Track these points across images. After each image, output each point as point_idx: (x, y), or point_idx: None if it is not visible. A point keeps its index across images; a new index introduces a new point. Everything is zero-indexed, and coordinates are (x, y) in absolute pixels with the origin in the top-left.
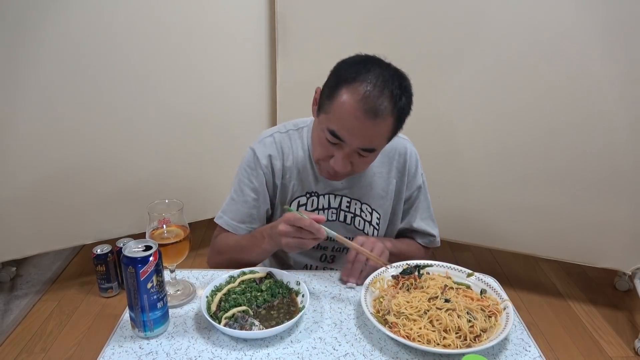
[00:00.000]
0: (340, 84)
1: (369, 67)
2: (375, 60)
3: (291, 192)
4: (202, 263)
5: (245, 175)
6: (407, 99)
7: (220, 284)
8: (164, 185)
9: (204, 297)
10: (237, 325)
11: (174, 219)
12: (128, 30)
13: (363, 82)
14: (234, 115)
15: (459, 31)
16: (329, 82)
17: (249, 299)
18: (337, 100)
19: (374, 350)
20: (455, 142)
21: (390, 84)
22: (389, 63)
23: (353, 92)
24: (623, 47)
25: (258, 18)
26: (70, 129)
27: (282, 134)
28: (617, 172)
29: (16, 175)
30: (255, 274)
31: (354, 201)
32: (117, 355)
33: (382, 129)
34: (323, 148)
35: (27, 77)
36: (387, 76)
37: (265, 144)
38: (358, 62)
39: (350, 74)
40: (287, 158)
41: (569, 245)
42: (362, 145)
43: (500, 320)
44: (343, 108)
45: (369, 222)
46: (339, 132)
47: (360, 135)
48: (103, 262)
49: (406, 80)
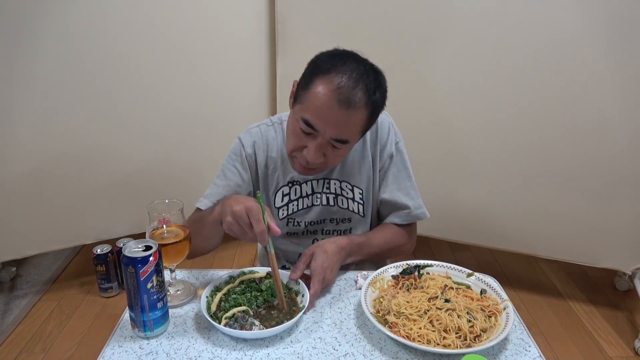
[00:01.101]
0: (316, 75)
1: (345, 60)
2: (352, 55)
3: (275, 182)
4: (202, 263)
5: (229, 161)
6: (381, 93)
7: (220, 284)
8: (164, 185)
9: (204, 297)
10: (238, 325)
11: (174, 219)
12: (128, 30)
13: (338, 74)
14: (235, 115)
15: (462, 32)
16: (305, 73)
17: (249, 299)
18: (312, 90)
19: (374, 350)
20: (455, 142)
21: (366, 77)
22: (366, 58)
23: (328, 82)
24: (626, 50)
25: (258, 18)
26: (70, 129)
27: (268, 126)
28: (617, 172)
29: (16, 176)
30: (255, 274)
31: (333, 181)
32: (117, 355)
33: (355, 121)
34: (296, 138)
35: (25, 77)
36: (362, 70)
37: (251, 134)
38: (335, 55)
39: (326, 65)
40: (271, 149)
41: (569, 245)
42: (335, 136)
43: (500, 320)
44: (317, 97)
45: (351, 199)
46: (312, 121)
47: (333, 125)
48: (103, 262)
49: (381, 76)
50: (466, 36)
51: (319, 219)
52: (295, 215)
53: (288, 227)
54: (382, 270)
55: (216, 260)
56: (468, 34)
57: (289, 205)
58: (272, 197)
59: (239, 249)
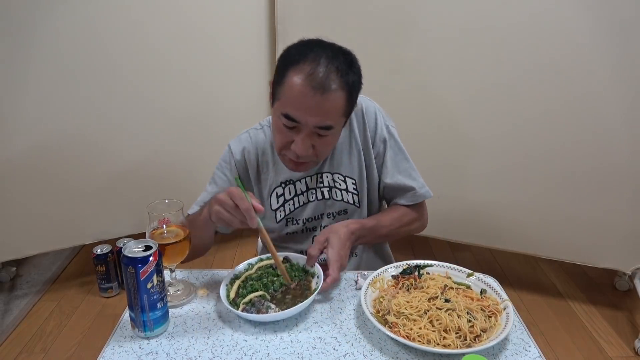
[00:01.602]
0: (287, 67)
1: (311, 47)
2: (318, 41)
3: (269, 185)
4: (202, 263)
5: (219, 169)
6: (354, 73)
7: (238, 272)
8: (164, 185)
9: (223, 285)
10: (254, 310)
11: (174, 219)
12: (128, 30)
13: (308, 61)
14: (235, 115)
15: (464, 32)
16: (277, 69)
17: (266, 284)
18: (286, 83)
19: (374, 350)
20: (455, 143)
21: (335, 60)
22: (333, 42)
23: (299, 71)
24: (626, 52)
25: (258, 18)
26: (70, 129)
27: (257, 130)
28: (617, 172)
29: (16, 176)
30: (271, 260)
31: (325, 174)
32: (117, 355)
33: (334, 104)
34: (282, 135)
35: (20, 79)
36: (330, 53)
37: (240, 140)
38: (302, 45)
39: (295, 57)
40: (261, 152)
41: (569, 245)
42: (317, 123)
43: (500, 320)
44: (292, 89)
45: (345, 190)
46: (292, 113)
47: (313, 112)
48: (103, 262)
49: (351, 56)
50: (468, 37)
51: (316, 214)
52: (293, 215)
53: (287, 227)
54: (382, 270)
55: (216, 260)
56: (470, 35)
57: (285, 205)
58: (267, 199)
59: (239, 249)
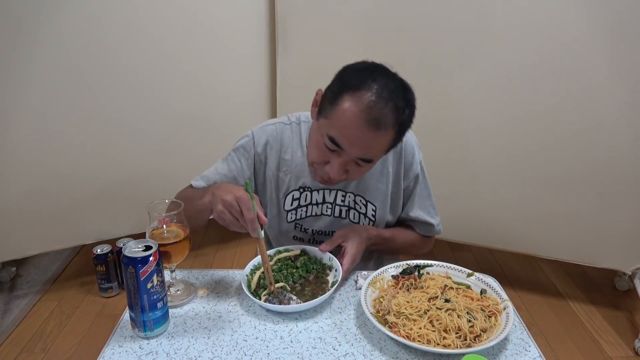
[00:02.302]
0: (344, 91)
1: (375, 76)
2: (382, 70)
3: (287, 185)
4: (202, 263)
5: (236, 153)
6: (410, 112)
7: (258, 263)
8: (164, 185)
9: (244, 275)
10: (277, 301)
11: (174, 219)
12: (127, 31)
13: (368, 92)
14: (234, 115)
15: (463, 31)
16: (332, 86)
17: (286, 276)
18: (339, 106)
19: (374, 350)
20: (455, 144)
21: (395, 96)
22: (395, 73)
23: (357, 100)
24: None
25: (258, 18)
26: (70, 129)
27: (285, 125)
28: (618, 172)
29: (16, 176)
30: (290, 252)
31: (348, 194)
32: (117, 355)
33: (383, 141)
34: (320, 152)
35: (22, 76)
36: (392, 87)
37: (265, 131)
38: (364, 70)
39: (355, 81)
40: (285, 150)
41: (569, 245)
42: (361, 155)
43: (500, 320)
44: (345, 116)
45: (363, 214)
46: (338, 139)
47: (360, 145)
48: (103, 262)
49: (411, 93)
50: (469, 35)
51: (328, 229)
52: (303, 222)
53: (295, 231)
54: (382, 270)
55: (216, 260)
56: (471, 33)
57: (297, 210)
58: (282, 199)
59: (239, 249)
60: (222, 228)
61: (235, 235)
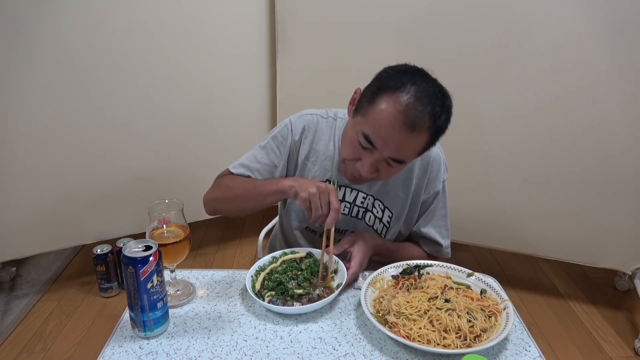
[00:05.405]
0: (383, 90)
1: (415, 79)
2: (423, 74)
3: (312, 175)
4: (202, 263)
5: (275, 141)
6: (446, 118)
7: (263, 264)
8: (164, 185)
9: (249, 276)
10: (280, 302)
11: (174, 219)
12: (127, 32)
13: (407, 94)
14: (234, 115)
15: (463, 32)
16: (371, 85)
17: (291, 278)
18: (377, 105)
19: (374, 350)
20: (454, 144)
21: (434, 100)
22: (435, 79)
23: (395, 101)
24: (629, 52)
25: (258, 18)
26: (70, 129)
27: (323, 118)
28: (618, 172)
29: (16, 176)
30: (296, 254)
31: (369, 197)
32: (117, 355)
33: (416, 143)
34: (353, 149)
35: (22, 76)
36: (431, 92)
37: (303, 119)
38: (404, 72)
39: (395, 83)
40: (317, 141)
41: (569, 245)
42: (393, 155)
43: (500, 320)
44: (382, 115)
45: (379, 219)
46: (373, 137)
47: (393, 145)
48: (103, 262)
49: (448, 99)
50: (467, 35)
51: (341, 228)
52: None
53: (307, 222)
54: (382, 270)
55: (216, 260)
56: (468, 33)
57: None
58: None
59: (239, 249)
60: (222, 228)
61: (235, 235)
